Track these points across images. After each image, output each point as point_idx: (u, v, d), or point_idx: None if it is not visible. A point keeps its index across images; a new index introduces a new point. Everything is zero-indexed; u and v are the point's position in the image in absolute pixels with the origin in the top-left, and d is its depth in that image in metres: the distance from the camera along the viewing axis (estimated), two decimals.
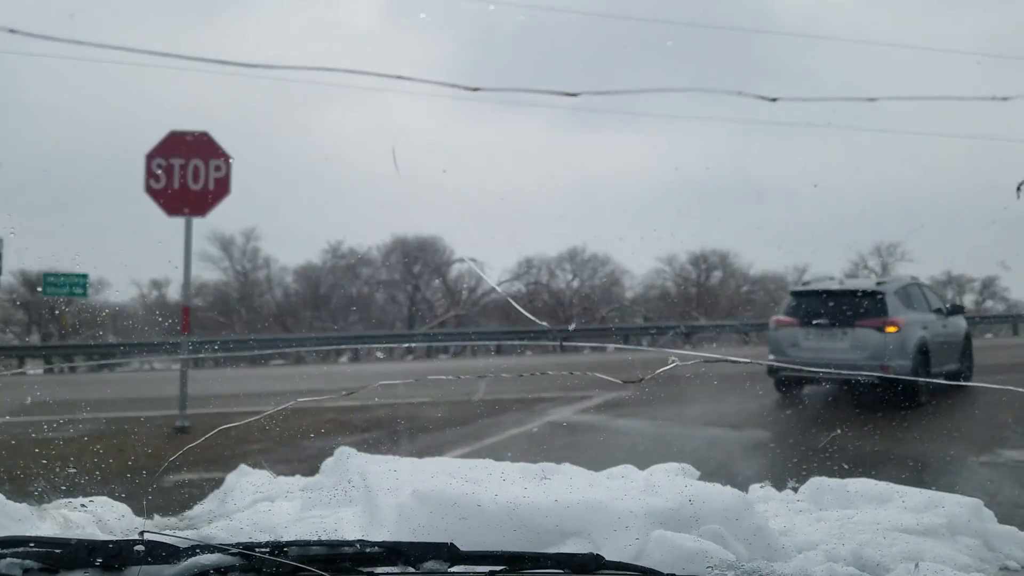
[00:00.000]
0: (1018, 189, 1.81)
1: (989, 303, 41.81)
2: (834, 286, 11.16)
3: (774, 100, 1.58)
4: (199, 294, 33.30)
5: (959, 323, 12.09)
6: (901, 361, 10.05)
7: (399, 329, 34.54)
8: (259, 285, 39.13)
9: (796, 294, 11.48)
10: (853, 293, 10.64)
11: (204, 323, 31.85)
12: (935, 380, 10.71)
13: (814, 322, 10.59)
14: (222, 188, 9.81)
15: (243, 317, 36.31)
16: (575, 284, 39.78)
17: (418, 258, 37.69)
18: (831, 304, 10.61)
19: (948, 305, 12.12)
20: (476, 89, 1.45)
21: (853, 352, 10.29)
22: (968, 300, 41.58)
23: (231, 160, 9.93)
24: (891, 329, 10.16)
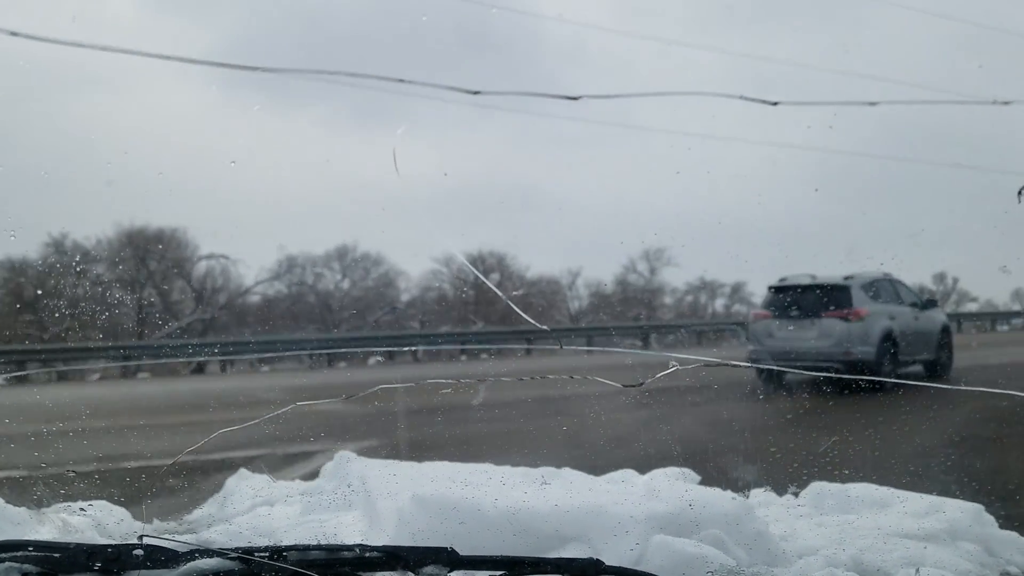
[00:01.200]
0: (1019, 194, 1.82)
1: (737, 307, 43.40)
2: (805, 281, 12.04)
3: (775, 104, 1.58)
4: None
5: (935, 316, 12.87)
6: (864, 348, 10.97)
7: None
8: None
9: (773, 289, 12.26)
10: (822, 287, 11.63)
11: None
12: (906, 370, 11.68)
13: (787, 314, 11.64)
14: None
15: None
16: (345, 285, 36.68)
17: (153, 253, 31.40)
18: (802, 297, 11.69)
19: (923, 300, 12.95)
20: (477, 92, 1.46)
21: (820, 340, 11.27)
22: (719, 304, 43.76)
23: None
24: (854, 318, 11.12)
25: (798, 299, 11.77)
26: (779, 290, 12.15)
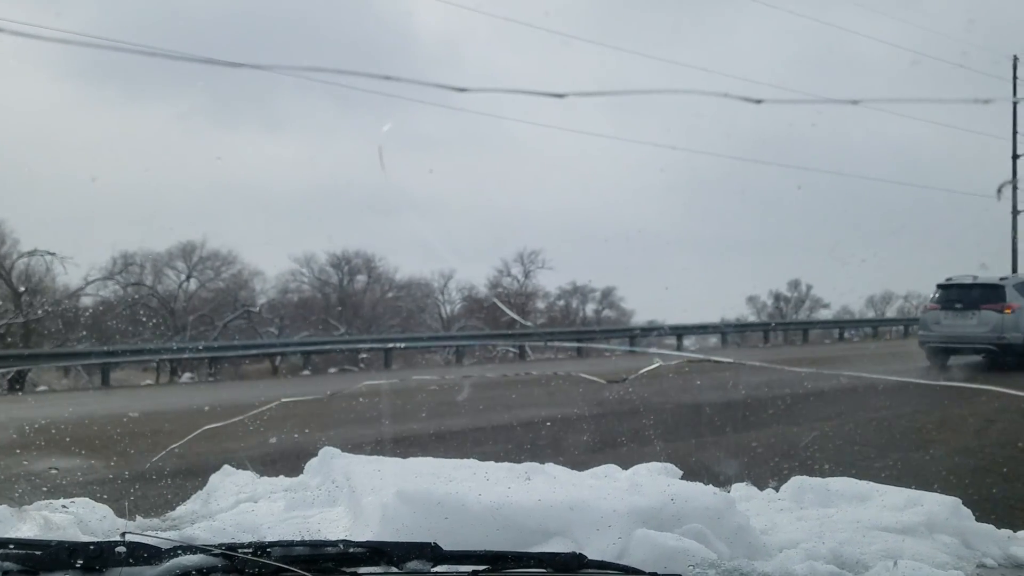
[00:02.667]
0: (999, 191, 1.84)
1: (607, 312, 43.67)
2: (968, 280, 15.30)
3: (759, 102, 1.59)
4: None
5: None
6: (1015, 334, 14.40)
7: None
8: None
9: (941, 287, 15.56)
10: (982, 286, 15.05)
11: None
12: None
13: (952, 306, 14.97)
14: None
15: None
16: (190, 286, 32.67)
17: None
18: (965, 293, 15.05)
19: None
20: (463, 89, 1.46)
21: (979, 328, 14.68)
22: (590, 309, 43.73)
23: None
24: (1008, 311, 14.49)
25: (961, 295, 15.01)
26: (946, 287, 15.44)
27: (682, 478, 2.32)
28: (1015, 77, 30.16)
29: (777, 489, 2.34)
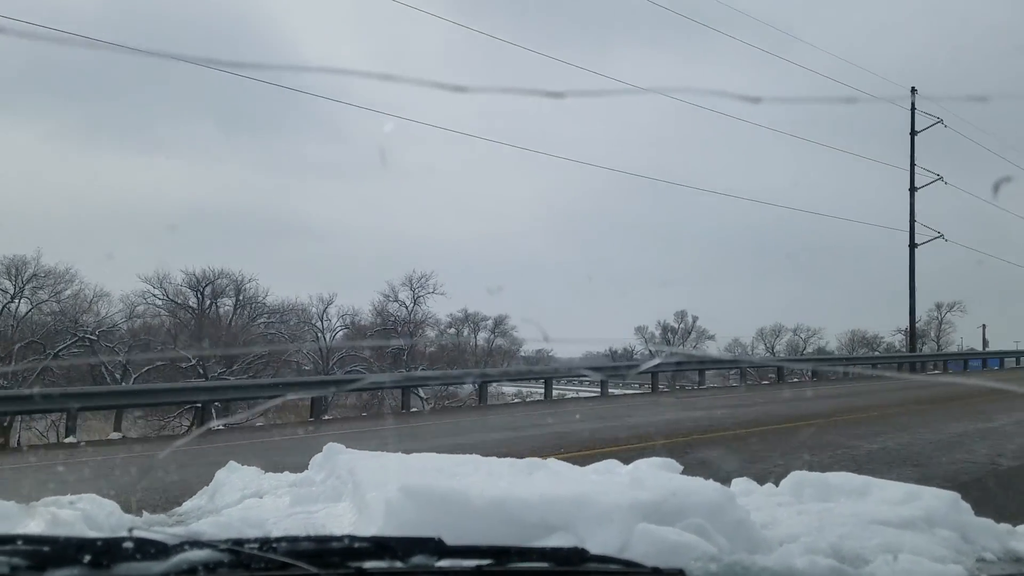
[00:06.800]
0: (995, 188, 1.85)
1: (499, 341, 42.41)
2: None
3: (757, 101, 1.60)
4: None
5: None
6: None
7: None
8: None
9: None
10: None
11: None
12: None
13: None
14: None
15: None
16: (18, 307, 27.75)
17: None
18: None
19: None
20: (462, 89, 1.47)
21: None
22: (481, 337, 41.86)
23: None
24: None
25: None
26: None
27: (682, 473, 2.33)
28: (913, 108, 30.51)
29: (777, 484, 2.36)
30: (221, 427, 13.96)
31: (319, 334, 35.48)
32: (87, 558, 1.32)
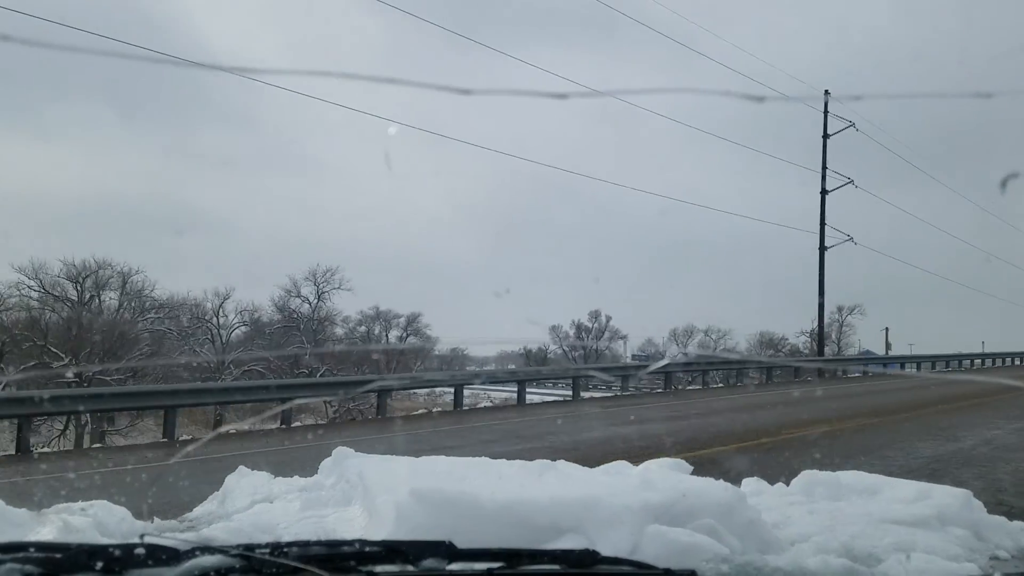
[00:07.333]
0: (1003, 184, 1.84)
1: (412, 339, 41.84)
2: None
3: (761, 100, 1.59)
4: None
5: None
6: None
7: None
8: None
9: None
10: None
11: None
12: None
13: None
14: None
15: None
16: None
17: None
18: None
19: None
20: (467, 91, 1.46)
21: None
22: (393, 336, 41.50)
23: None
24: None
25: None
26: None
27: (692, 473, 2.32)
28: (826, 111, 30.46)
29: (788, 483, 2.35)
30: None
31: (215, 330, 32.76)
32: (99, 564, 1.32)
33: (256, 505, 2.23)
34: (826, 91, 30.73)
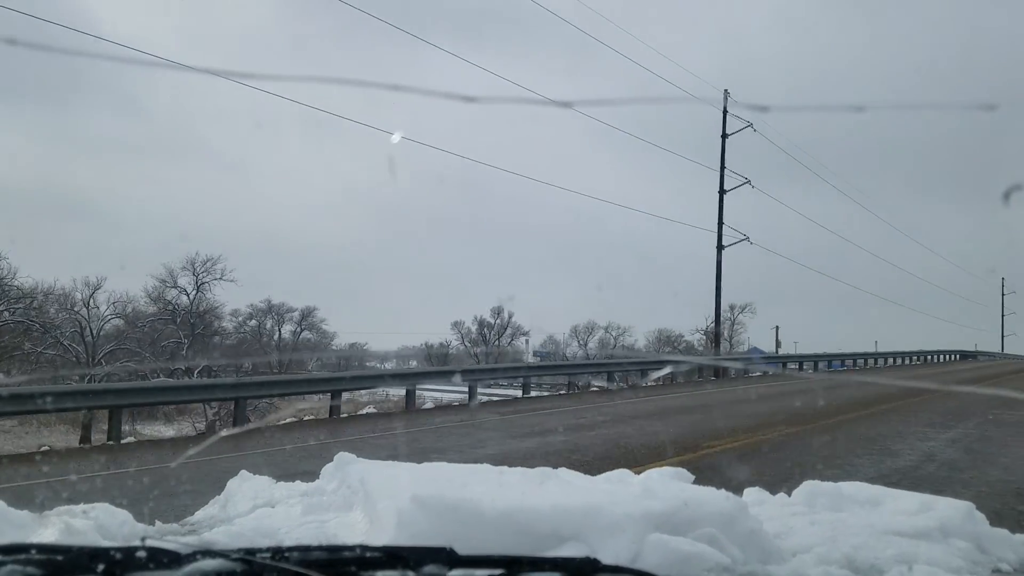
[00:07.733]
0: (1006, 196, 1.84)
1: (307, 334, 41.18)
2: None
3: (764, 109, 1.60)
4: None
5: None
6: None
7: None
8: None
9: None
10: None
11: None
12: None
13: None
14: None
15: None
16: None
17: None
18: None
19: None
20: (472, 99, 1.47)
21: None
22: (287, 329, 40.64)
23: None
24: None
25: None
26: None
27: (694, 482, 2.32)
28: (725, 112, 30.91)
29: (789, 493, 2.34)
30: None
31: (85, 323, 29.86)
32: (100, 567, 1.32)
33: (258, 509, 2.24)
34: (725, 91, 31.28)
